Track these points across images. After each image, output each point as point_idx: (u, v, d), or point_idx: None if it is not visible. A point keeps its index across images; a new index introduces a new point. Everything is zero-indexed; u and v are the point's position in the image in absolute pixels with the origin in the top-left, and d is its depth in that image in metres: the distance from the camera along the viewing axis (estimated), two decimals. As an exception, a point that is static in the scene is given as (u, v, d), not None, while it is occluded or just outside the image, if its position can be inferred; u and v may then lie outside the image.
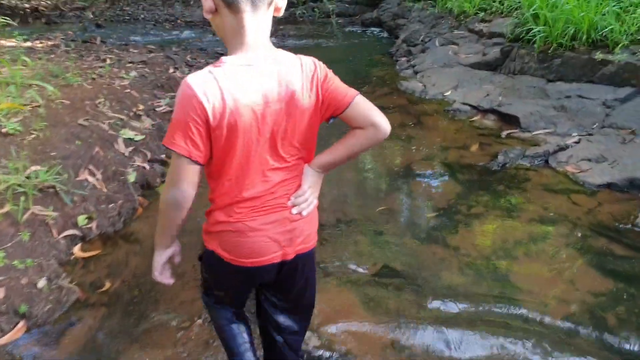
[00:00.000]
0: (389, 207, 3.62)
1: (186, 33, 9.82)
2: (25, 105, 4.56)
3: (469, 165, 4.13)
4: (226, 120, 1.43)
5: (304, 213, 1.64)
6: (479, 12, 7.26)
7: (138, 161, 4.31)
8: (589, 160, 3.89)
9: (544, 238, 3.12)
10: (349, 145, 1.69)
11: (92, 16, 10.92)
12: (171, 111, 1.63)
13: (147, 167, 4.26)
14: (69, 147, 4.08)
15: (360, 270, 2.95)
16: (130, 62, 6.80)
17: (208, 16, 1.51)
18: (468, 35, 6.98)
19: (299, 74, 1.53)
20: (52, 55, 7.00)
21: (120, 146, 4.41)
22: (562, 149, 4.06)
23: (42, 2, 11.73)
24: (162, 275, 1.76)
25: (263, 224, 1.57)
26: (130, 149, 4.43)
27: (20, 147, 3.90)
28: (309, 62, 1.57)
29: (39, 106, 4.55)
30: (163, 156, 4.56)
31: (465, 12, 7.45)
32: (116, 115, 4.87)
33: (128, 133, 4.60)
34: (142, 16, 11.04)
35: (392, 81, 6.57)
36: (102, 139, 4.41)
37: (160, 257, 1.73)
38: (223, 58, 1.47)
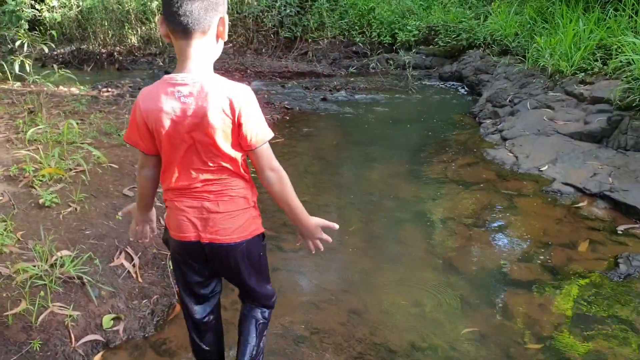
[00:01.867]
0: (477, 330, 2.88)
1: (254, 84, 9.45)
2: (69, 170, 4.14)
3: (579, 273, 3.33)
4: (154, 123, 1.80)
5: (321, 247, 2.10)
6: (577, 72, 6.46)
7: (184, 241, 3.76)
8: None
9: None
10: (281, 206, 2.00)
11: (161, 63, 10.78)
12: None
13: (194, 249, 3.70)
14: (108, 223, 3.59)
15: None
16: (192, 117, 6.39)
17: (166, 40, 1.83)
18: (565, 99, 6.19)
19: (217, 99, 1.74)
20: (114, 107, 6.72)
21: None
22: None
23: (117, 48, 11.74)
24: (139, 228, 2.31)
25: (186, 206, 1.92)
26: (178, 225, 3.90)
27: (54, 223, 3.45)
28: (231, 91, 1.77)
29: (83, 171, 4.12)
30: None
31: (561, 72, 6.66)
32: (167, 182, 4.38)
33: (177, 206, 4.08)
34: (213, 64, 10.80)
35: (476, 148, 5.84)
36: (147, 212, 3.90)
37: (137, 215, 2.26)
38: (165, 75, 1.81)
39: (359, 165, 5.56)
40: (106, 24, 12.02)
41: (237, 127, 1.78)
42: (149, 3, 12.43)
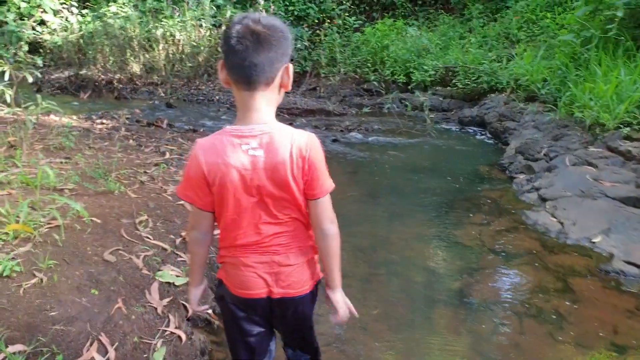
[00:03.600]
0: None
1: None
2: (40, 226, 3.45)
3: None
4: (217, 178, 1.71)
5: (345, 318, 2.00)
6: (621, 126, 5.82)
7: (173, 324, 3.05)
8: None
9: None
10: (324, 260, 1.92)
11: (163, 94, 10.17)
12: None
13: (184, 336, 2.98)
14: (80, 300, 2.89)
15: None
16: (192, 159, 5.72)
17: (225, 86, 1.76)
18: (609, 156, 5.54)
19: (286, 148, 1.69)
20: (106, 143, 6.06)
21: (154, 296, 3.18)
22: None
23: (118, 75, 11.17)
24: (199, 307, 2.15)
25: (254, 262, 1.83)
26: (167, 300, 3.19)
27: (11, 300, 2.74)
28: (300, 139, 1.71)
29: (57, 226, 3.43)
30: (209, 311, 3.28)
31: (601, 125, 6.02)
32: (158, 242, 3.69)
33: (167, 274, 3.38)
34: (217, 97, 10.19)
35: (512, 208, 5.16)
36: (131, 284, 3.20)
37: (195, 294, 2.10)
38: (226, 127, 1.73)
39: (378, 224, 4.87)
40: (107, 49, 11.46)
41: (305, 175, 1.74)
42: (153, 30, 11.91)
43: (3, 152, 5.00)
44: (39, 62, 5.68)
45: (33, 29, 13.60)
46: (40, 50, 13.77)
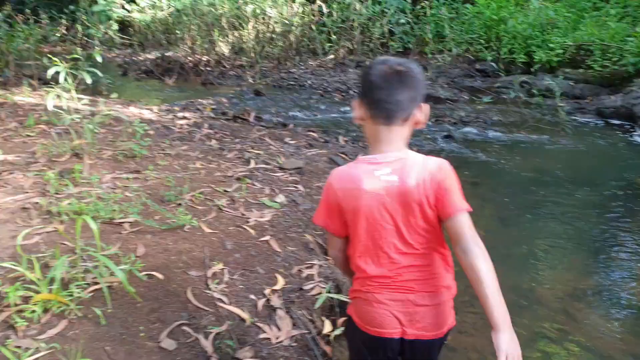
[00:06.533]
0: None
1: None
2: (81, 288, 2.61)
3: None
4: (352, 204, 1.72)
5: None
6: None
7: None
8: None
9: None
10: (476, 289, 1.62)
11: (251, 79, 9.31)
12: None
13: None
14: None
15: None
16: (280, 169, 4.77)
17: (358, 122, 1.79)
18: None
19: (419, 173, 1.67)
20: (184, 147, 5.22)
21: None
22: None
23: (205, 57, 10.43)
24: None
25: (388, 299, 1.73)
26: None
27: None
28: (432, 164, 1.70)
29: (101, 289, 2.57)
30: None
31: None
32: (234, 309, 2.77)
33: (243, 368, 2.43)
34: (310, 82, 9.23)
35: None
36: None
37: None
38: (359, 157, 1.77)
39: (518, 269, 3.72)
40: (195, 28, 10.75)
41: (437, 198, 1.66)
42: (243, 6, 11.06)
43: (62, 164, 4.27)
44: (98, 57, 4.87)
45: (122, 7, 13.20)
46: (130, 29, 13.37)
